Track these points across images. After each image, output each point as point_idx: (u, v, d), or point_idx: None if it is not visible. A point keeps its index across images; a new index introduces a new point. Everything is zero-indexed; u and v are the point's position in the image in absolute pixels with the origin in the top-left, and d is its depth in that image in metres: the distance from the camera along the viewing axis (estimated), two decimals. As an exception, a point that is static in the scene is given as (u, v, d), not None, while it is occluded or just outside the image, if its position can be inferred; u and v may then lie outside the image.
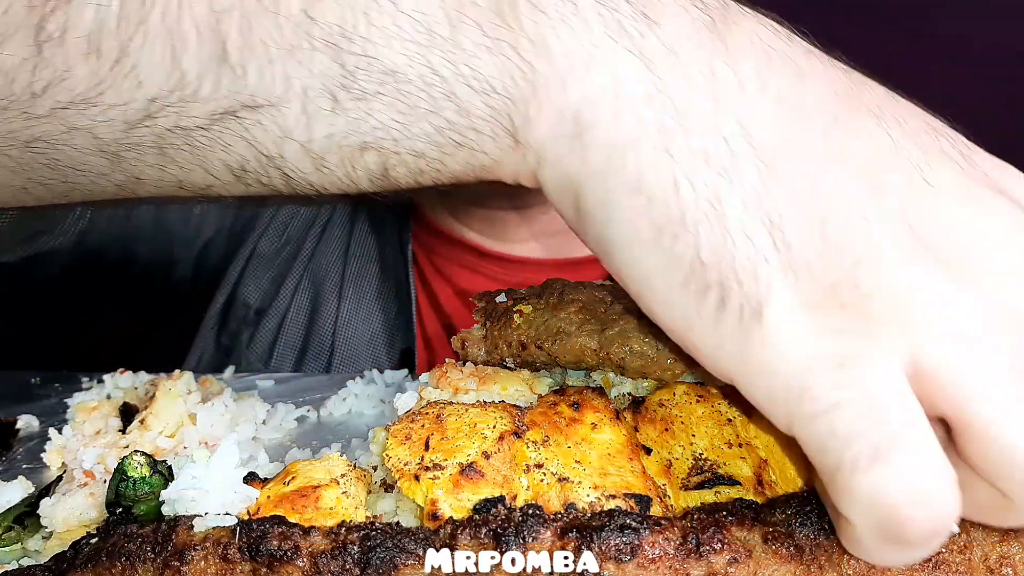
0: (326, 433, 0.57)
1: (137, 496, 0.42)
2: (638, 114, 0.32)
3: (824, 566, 0.36)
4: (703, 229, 0.32)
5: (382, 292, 0.93)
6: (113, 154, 0.36)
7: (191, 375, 0.56)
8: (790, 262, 0.32)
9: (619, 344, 0.46)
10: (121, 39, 0.33)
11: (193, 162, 0.36)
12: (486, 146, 0.35)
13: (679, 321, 0.34)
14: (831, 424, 0.31)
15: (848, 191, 0.32)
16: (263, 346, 0.94)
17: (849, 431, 0.31)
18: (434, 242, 0.93)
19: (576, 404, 0.43)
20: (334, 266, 0.95)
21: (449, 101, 0.33)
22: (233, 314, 0.98)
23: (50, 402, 0.62)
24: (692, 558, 0.35)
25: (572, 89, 0.33)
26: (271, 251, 0.99)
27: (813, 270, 0.32)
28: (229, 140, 0.35)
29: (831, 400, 0.31)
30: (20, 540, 0.46)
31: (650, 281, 0.34)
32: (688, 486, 0.41)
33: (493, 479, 0.39)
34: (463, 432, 0.41)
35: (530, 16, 0.33)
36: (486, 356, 0.50)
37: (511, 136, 0.34)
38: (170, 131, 0.35)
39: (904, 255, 0.32)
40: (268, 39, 0.33)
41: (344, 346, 0.92)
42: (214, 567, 0.36)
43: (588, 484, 0.39)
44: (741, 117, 0.33)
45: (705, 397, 0.45)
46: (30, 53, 0.34)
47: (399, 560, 0.35)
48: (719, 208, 0.32)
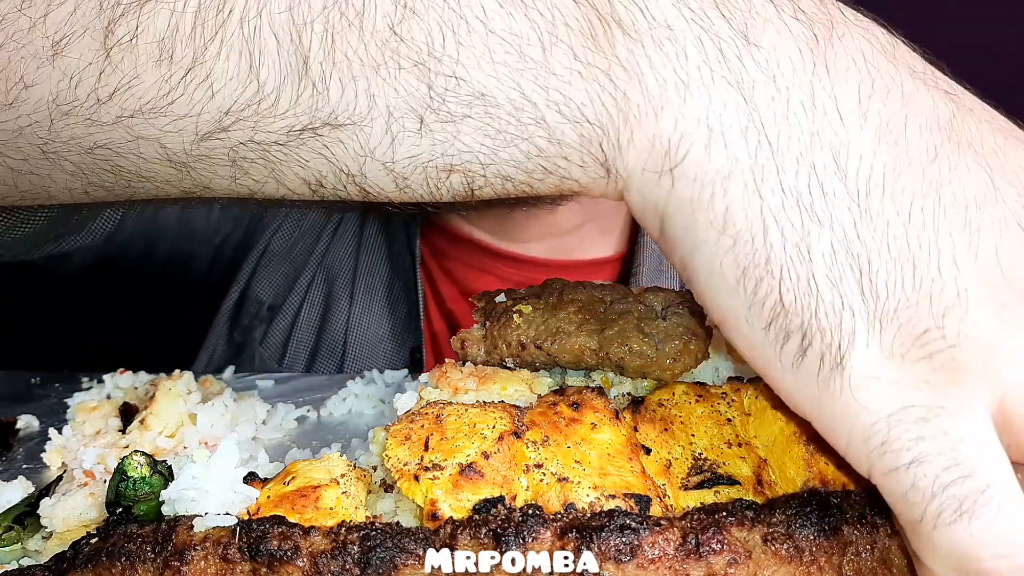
0: (326, 433, 0.57)
1: (137, 496, 0.42)
2: (731, 149, 0.32)
3: (824, 566, 0.36)
4: (788, 275, 0.31)
5: (392, 291, 0.93)
6: (182, 164, 0.35)
7: (191, 375, 0.56)
8: (876, 312, 0.31)
9: (618, 344, 0.46)
10: (195, 46, 0.32)
11: (267, 175, 0.35)
12: (574, 173, 0.34)
13: (759, 359, 0.34)
14: (914, 478, 0.30)
15: (941, 233, 0.31)
16: (276, 343, 0.94)
17: (933, 486, 0.30)
18: (442, 242, 0.93)
19: (576, 404, 0.43)
20: (346, 264, 0.96)
21: (539, 127, 0.32)
22: (246, 310, 0.98)
23: (50, 402, 0.62)
24: (692, 558, 0.35)
25: (665, 120, 0.32)
26: (284, 248, 0.99)
27: (900, 318, 0.31)
28: (307, 156, 0.34)
29: (914, 454, 0.30)
30: (20, 540, 0.46)
31: (732, 317, 0.33)
32: (688, 486, 0.41)
33: (493, 479, 0.39)
34: (463, 432, 0.41)
35: (624, 42, 0.31)
36: (485, 356, 0.50)
37: (601, 165, 0.33)
38: (244, 144, 0.34)
39: (994, 303, 0.31)
40: (352, 55, 0.32)
41: (356, 344, 0.92)
42: (214, 567, 0.36)
43: (588, 484, 0.39)
44: (837, 151, 0.32)
45: (704, 397, 0.45)
46: (97, 57, 0.33)
47: (399, 560, 0.35)
48: (806, 254, 0.31)
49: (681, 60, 0.32)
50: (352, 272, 0.95)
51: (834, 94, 0.32)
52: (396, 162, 0.34)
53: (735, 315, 0.33)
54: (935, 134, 0.32)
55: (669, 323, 0.47)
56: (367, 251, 0.96)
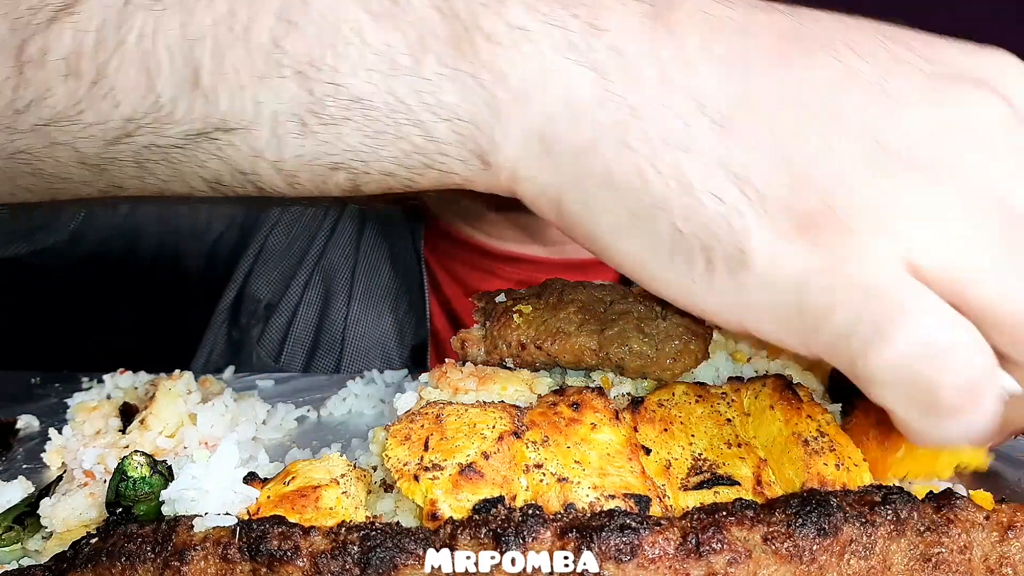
0: (326, 433, 0.57)
1: (137, 496, 0.42)
2: (593, 118, 0.35)
3: (824, 566, 0.36)
4: (674, 203, 0.34)
5: (392, 291, 0.94)
6: (94, 166, 0.39)
7: (191, 375, 0.56)
8: (763, 205, 0.33)
9: (618, 344, 0.46)
10: (98, 62, 0.36)
11: (171, 175, 0.39)
12: (455, 168, 0.37)
13: (680, 291, 0.36)
14: (834, 325, 0.32)
15: (807, 126, 0.34)
16: (273, 342, 0.94)
17: (849, 321, 0.32)
18: (445, 244, 0.94)
19: (576, 404, 0.43)
20: (345, 263, 0.96)
21: (415, 128, 0.36)
22: (243, 308, 0.98)
23: (50, 402, 0.62)
24: (692, 558, 0.35)
25: (531, 109, 0.35)
26: (280, 246, 0.99)
27: (785, 203, 0.33)
28: (204, 158, 0.37)
29: (827, 304, 0.32)
30: (20, 540, 0.46)
31: (642, 263, 0.36)
32: (688, 486, 0.41)
33: (492, 479, 0.39)
34: (462, 432, 0.41)
35: (487, 47, 0.35)
36: (485, 356, 0.50)
37: (480, 159, 0.36)
38: (147, 148, 0.37)
39: (874, 170, 0.33)
40: (240, 66, 0.35)
41: (354, 343, 0.92)
42: (214, 567, 0.36)
43: (587, 484, 0.39)
44: (691, 91, 0.34)
45: (704, 397, 0.45)
46: (12, 73, 0.37)
47: (399, 560, 0.35)
48: (684, 179, 0.34)
49: (537, 56, 0.35)
50: (351, 272, 0.96)
51: (678, 46, 0.35)
52: (284, 161, 0.37)
53: (643, 259, 0.36)
54: (781, 47, 0.35)
55: (669, 323, 0.47)
56: (367, 252, 0.96)
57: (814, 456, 0.41)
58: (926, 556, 0.37)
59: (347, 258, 0.96)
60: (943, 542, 0.38)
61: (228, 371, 0.65)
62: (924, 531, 0.38)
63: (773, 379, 0.46)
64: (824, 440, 0.42)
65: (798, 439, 0.42)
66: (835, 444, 0.42)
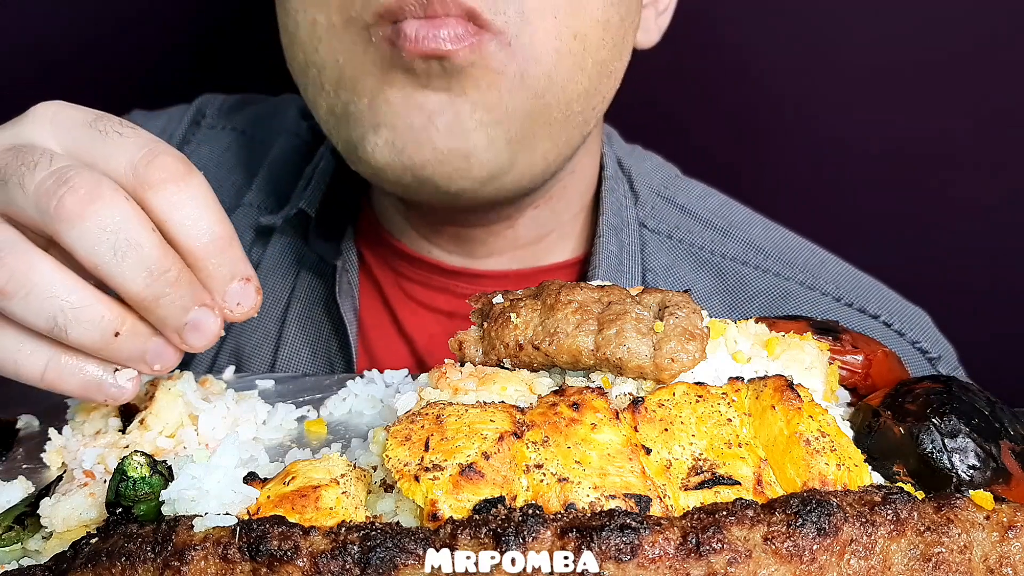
0: (326, 433, 0.57)
1: (137, 496, 0.42)
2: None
3: (824, 566, 0.36)
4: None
5: (324, 331, 0.91)
6: None
7: (191, 375, 0.56)
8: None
9: (616, 344, 0.46)
10: None
11: None
12: None
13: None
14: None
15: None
16: None
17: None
18: (402, 265, 0.91)
19: (576, 404, 0.43)
20: (275, 306, 0.93)
21: None
22: None
23: (50, 402, 0.62)
24: (692, 558, 0.36)
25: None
26: None
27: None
28: None
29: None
30: (20, 540, 0.46)
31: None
32: (688, 486, 0.41)
33: (493, 479, 0.39)
34: (463, 433, 0.41)
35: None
36: (483, 357, 0.50)
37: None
38: None
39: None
40: None
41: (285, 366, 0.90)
42: (214, 567, 0.36)
43: (588, 484, 0.39)
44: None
45: (704, 397, 0.45)
46: None
47: (399, 560, 0.35)
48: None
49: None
50: (284, 311, 0.93)
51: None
52: None
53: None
54: None
55: (667, 323, 0.47)
56: (300, 296, 0.93)
57: (815, 456, 0.41)
58: (926, 556, 0.37)
59: (279, 300, 0.93)
60: (943, 542, 0.38)
61: (228, 371, 0.65)
62: (924, 531, 0.38)
63: (774, 379, 0.46)
64: (825, 440, 0.42)
65: (799, 439, 0.42)
66: (836, 444, 0.42)
